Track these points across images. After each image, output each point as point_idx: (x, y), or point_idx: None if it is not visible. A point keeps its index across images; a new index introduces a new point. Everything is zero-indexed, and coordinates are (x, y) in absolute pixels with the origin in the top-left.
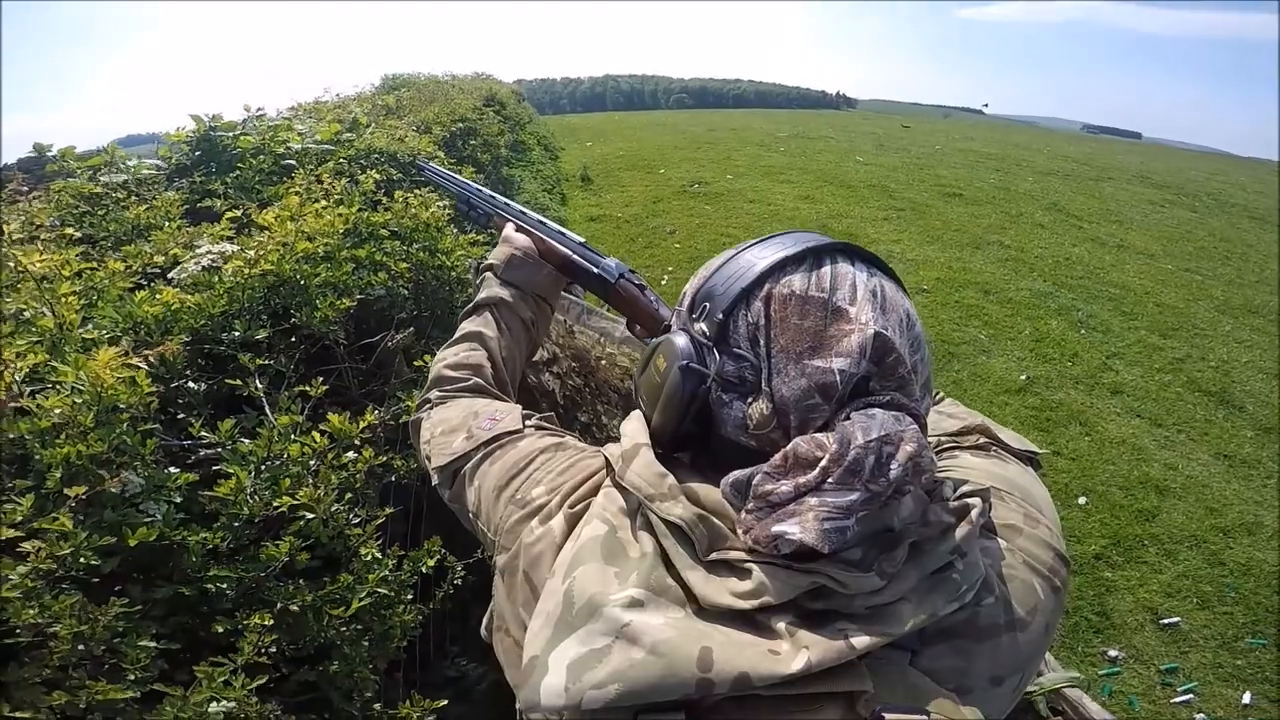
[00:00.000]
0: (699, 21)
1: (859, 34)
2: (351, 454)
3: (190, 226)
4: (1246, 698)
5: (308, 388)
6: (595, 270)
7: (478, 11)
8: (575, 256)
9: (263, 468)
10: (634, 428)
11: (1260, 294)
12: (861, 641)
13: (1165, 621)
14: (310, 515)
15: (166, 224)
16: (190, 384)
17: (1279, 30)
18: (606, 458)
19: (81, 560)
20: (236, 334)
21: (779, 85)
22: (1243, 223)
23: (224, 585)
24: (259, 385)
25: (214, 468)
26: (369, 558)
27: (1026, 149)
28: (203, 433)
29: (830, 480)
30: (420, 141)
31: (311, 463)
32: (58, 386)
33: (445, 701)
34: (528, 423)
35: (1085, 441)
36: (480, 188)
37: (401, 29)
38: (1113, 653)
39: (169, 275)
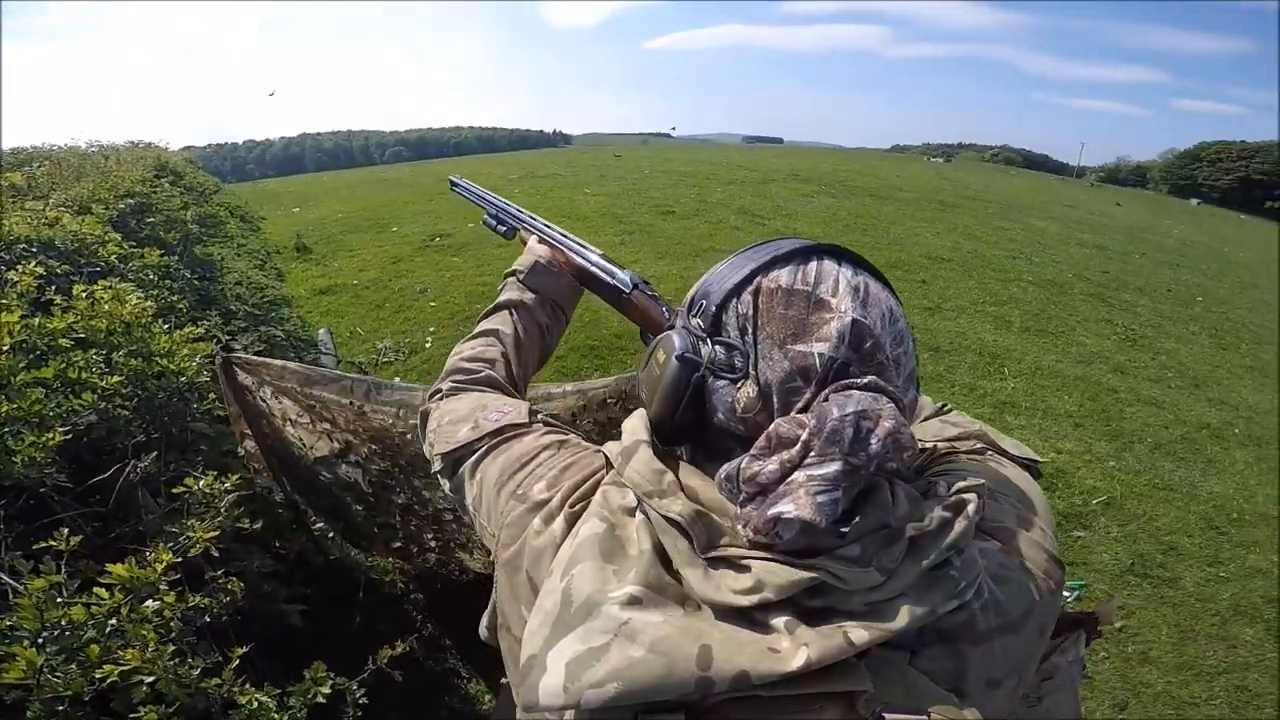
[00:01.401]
0: (404, 70)
1: (566, 72)
2: (152, 603)
3: None
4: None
5: (53, 541)
6: (610, 280)
7: (109, 72)
8: (592, 267)
9: (40, 640)
10: (634, 425)
11: (893, 253)
12: (860, 637)
13: None
14: (151, 678)
15: None
16: None
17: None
18: (606, 455)
19: None
20: None
21: (500, 129)
22: (865, 200)
23: None
24: None
25: None
26: (251, 705)
27: (710, 164)
28: None
29: (812, 453)
30: (84, 224)
31: (111, 622)
32: None
33: None
34: (534, 419)
35: None
36: (508, 203)
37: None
38: None
39: None
